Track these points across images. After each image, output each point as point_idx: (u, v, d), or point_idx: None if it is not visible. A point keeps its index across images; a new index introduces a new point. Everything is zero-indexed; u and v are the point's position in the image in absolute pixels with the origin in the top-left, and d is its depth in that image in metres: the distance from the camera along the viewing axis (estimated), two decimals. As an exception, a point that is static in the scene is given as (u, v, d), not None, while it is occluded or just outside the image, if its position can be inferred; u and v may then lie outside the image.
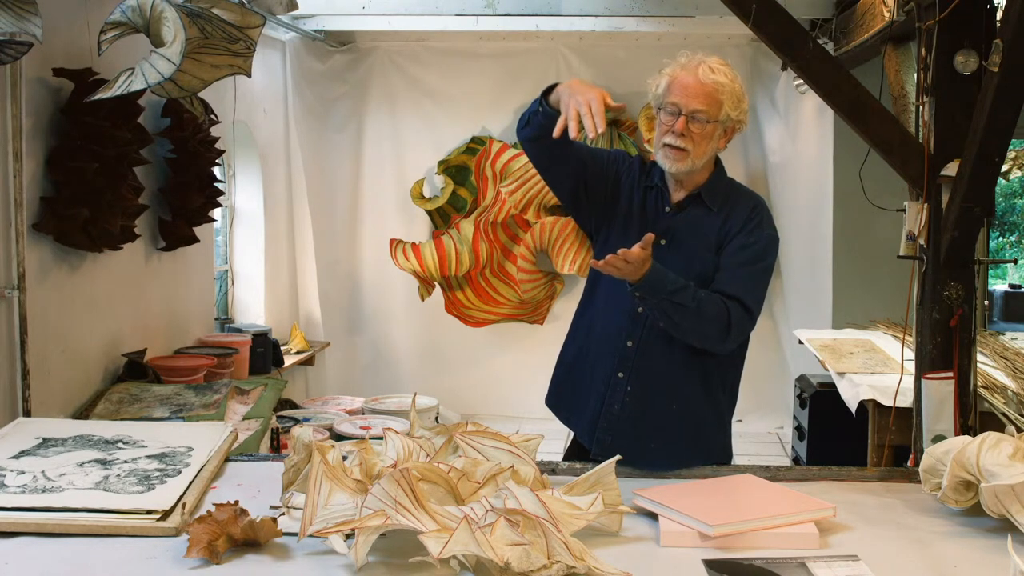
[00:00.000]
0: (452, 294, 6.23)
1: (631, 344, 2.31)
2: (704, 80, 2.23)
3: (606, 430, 2.35)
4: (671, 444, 2.31)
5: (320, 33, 5.82)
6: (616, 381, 2.34)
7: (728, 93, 2.25)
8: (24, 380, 3.28)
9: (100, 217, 3.56)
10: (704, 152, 2.28)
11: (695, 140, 2.25)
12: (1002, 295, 11.53)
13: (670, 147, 2.27)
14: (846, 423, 4.20)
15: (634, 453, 2.17)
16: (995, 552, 1.74)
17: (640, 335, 2.31)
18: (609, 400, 2.35)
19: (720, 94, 2.24)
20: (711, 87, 2.23)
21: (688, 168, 2.29)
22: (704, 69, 2.24)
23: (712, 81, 2.24)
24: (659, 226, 2.32)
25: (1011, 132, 2.96)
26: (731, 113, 2.27)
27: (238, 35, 3.17)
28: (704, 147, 2.27)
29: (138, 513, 1.80)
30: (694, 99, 2.23)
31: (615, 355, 2.34)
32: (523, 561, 1.51)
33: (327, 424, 4.59)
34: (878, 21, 4.01)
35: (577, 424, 2.47)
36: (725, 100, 2.25)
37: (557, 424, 2.54)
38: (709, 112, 2.24)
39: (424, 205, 6.26)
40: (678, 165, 2.28)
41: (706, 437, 2.38)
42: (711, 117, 2.25)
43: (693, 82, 2.24)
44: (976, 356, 3.31)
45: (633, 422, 2.33)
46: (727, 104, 2.25)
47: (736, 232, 2.30)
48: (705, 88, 2.23)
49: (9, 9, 2.74)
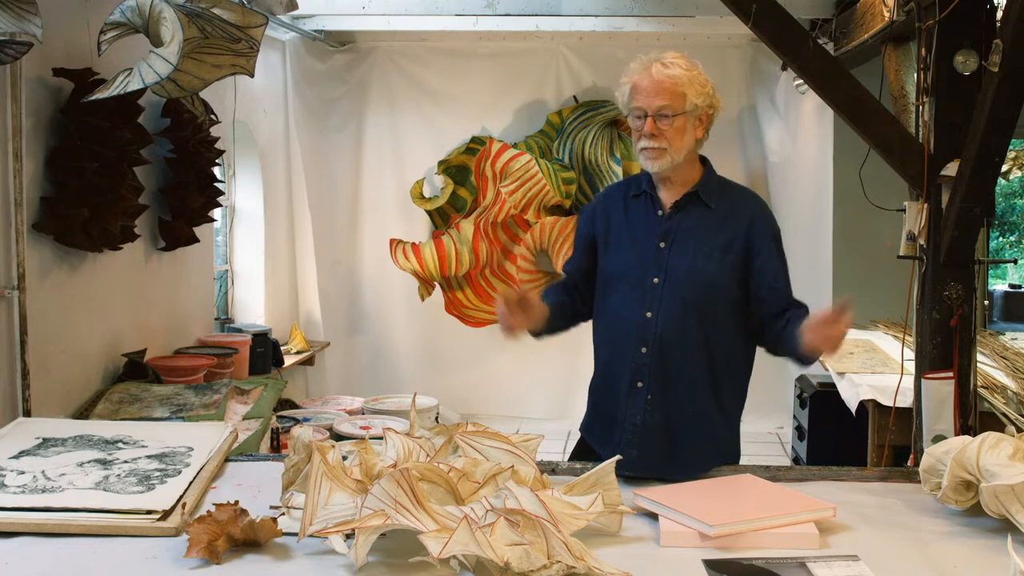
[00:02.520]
0: (452, 294, 6.23)
1: (645, 351, 2.29)
2: (659, 77, 2.25)
3: (630, 443, 2.28)
4: (694, 448, 2.28)
5: (320, 33, 5.83)
6: (636, 392, 2.30)
7: (687, 83, 2.25)
8: (24, 380, 3.28)
9: (100, 217, 3.56)
10: (682, 146, 2.28)
11: (668, 137, 2.26)
12: (1002, 295, 11.53)
13: (647, 149, 2.28)
14: (846, 423, 4.20)
15: (662, 464, 2.18)
16: (995, 552, 1.74)
17: (652, 340, 2.29)
18: (632, 413, 2.30)
19: (679, 86, 2.25)
20: (668, 82, 2.25)
21: (670, 164, 2.28)
22: (657, 67, 2.26)
23: (667, 76, 2.25)
24: (656, 230, 2.32)
25: (1011, 132, 2.96)
26: (696, 101, 2.27)
27: (239, 35, 3.17)
28: (680, 141, 2.28)
29: (138, 513, 1.80)
30: (655, 97, 2.25)
31: (631, 365, 2.30)
32: (523, 561, 1.51)
33: (327, 424, 4.58)
34: (878, 21, 4.01)
35: (607, 452, 2.35)
36: (687, 90, 2.25)
37: (557, 424, 2.54)
38: (673, 106, 2.25)
39: (424, 205, 6.26)
40: (659, 163, 2.28)
41: (721, 438, 2.37)
42: (676, 110, 2.25)
43: (649, 82, 2.26)
44: (976, 356, 3.32)
45: (657, 432, 2.29)
46: (690, 94, 2.26)
47: (760, 239, 2.31)
48: (662, 84, 2.24)
49: (9, 9, 2.74)
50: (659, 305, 2.28)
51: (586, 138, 6.04)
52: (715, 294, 2.28)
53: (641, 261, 2.31)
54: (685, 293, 2.27)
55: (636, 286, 2.30)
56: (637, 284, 2.30)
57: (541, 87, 6.26)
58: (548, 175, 5.91)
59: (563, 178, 6.01)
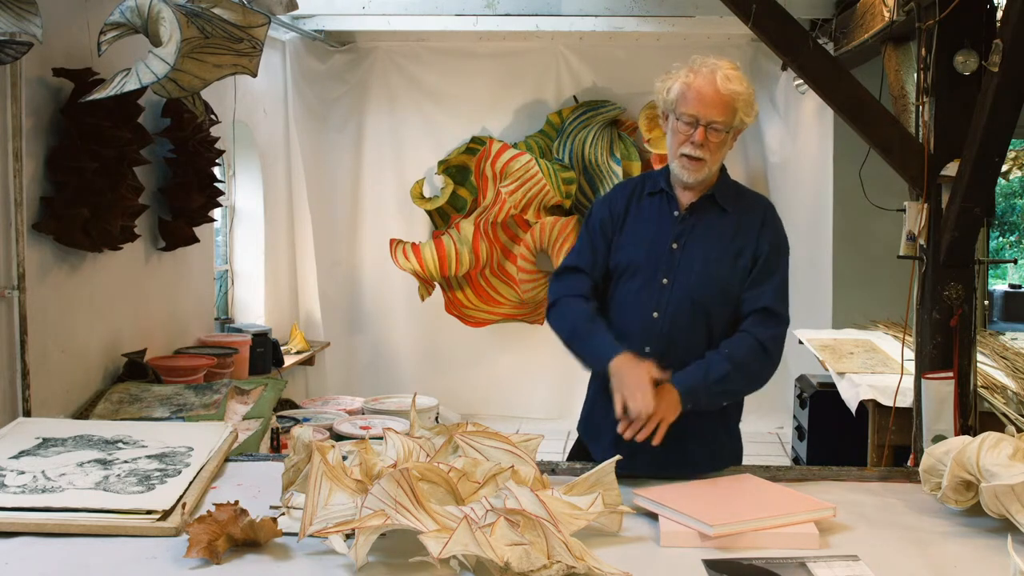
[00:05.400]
0: (452, 294, 6.23)
1: (649, 350, 2.29)
2: (723, 90, 2.20)
3: (628, 442, 2.24)
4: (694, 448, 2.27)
5: (320, 33, 5.83)
6: None
7: (743, 101, 2.23)
8: (24, 380, 3.28)
9: (100, 217, 3.55)
10: (718, 159, 2.29)
11: (711, 149, 2.24)
12: (1002, 295, 11.54)
13: (688, 157, 2.25)
14: (846, 423, 4.20)
15: (662, 462, 2.17)
16: (995, 552, 1.74)
17: (657, 339, 2.29)
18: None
19: (736, 102, 2.22)
20: (729, 97, 2.21)
21: (705, 176, 2.28)
22: (722, 78, 2.21)
23: (730, 91, 2.21)
24: (671, 230, 2.32)
25: (1011, 132, 2.96)
26: (744, 119, 2.26)
27: (241, 35, 3.17)
28: (719, 155, 2.27)
29: (138, 513, 1.80)
30: (713, 109, 2.21)
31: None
32: (523, 561, 1.51)
33: (327, 424, 4.58)
34: (878, 21, 4.00)
35: (599, 447, 2.39)
36: (740, 108, 2.23)
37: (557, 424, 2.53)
38: (726, 122, 2.23)
39: (424, 205, 6.26)
40: (696, 175, 2.27)
41: (721, 439, 2.36)
42: (727, 126, 2.23)
43: (712, 92, 2.20)
44: (976, 356, 3.31)
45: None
46: (741, 111, 2.24)
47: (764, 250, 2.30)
48: (724, 99, 2.20)
49: (9, 9, 2.74)
50: (667, 306, 2.28)
51: (586, 138, 6.04)
52: (723, 298, 2.28)
53: (651, 260, 2.31)
54: (694, 295, 2.27)
55: (645, 285, 2.30)
56: (646, 283, 2.30)
57: (541, 87, 6.26)
58: (548, 175, 5.91)
59: (563, 178, 6.01)
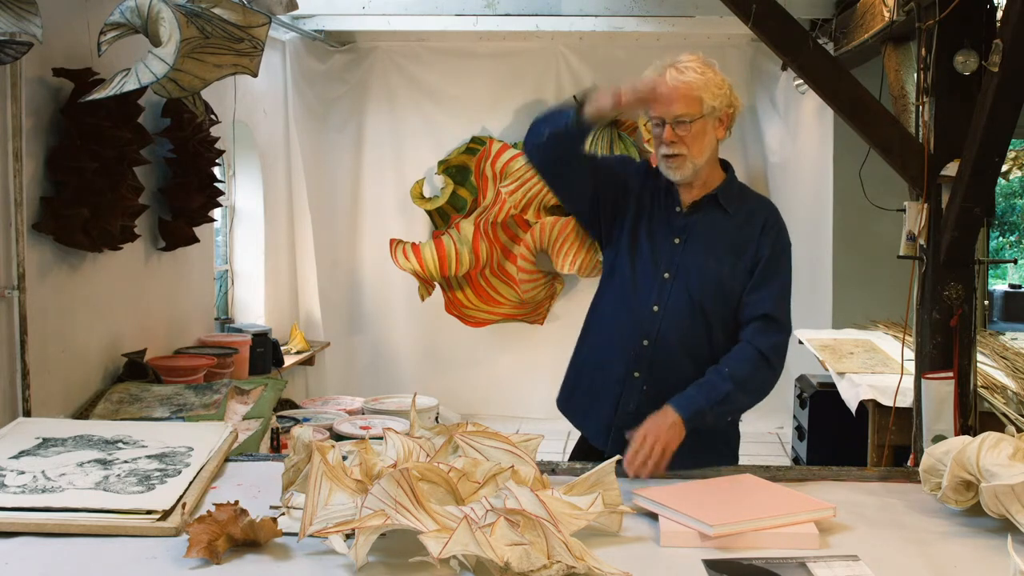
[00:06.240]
0: (452, 294, 6.23)
1: (647, 343, 2.30)
2: (677, 84, 2.22)
3: (621, 430, 2.29)
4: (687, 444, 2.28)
5: (320, 33, 5.83)
6: (632, 381, 2.33)
7: (702, 86, 2.23)
8: (24, 380, 3.28)
9: (100, 217, 3.55)
10: (703, 150, 2.28)
11: (687, 142, 2.25)
12: (1002, 295, 11.54)
13: (667, 156, 2.28)
14: (846, 423, 4.20)
15: None
16: (995, 552, 1.73)
17: (656, 333, 2.30)
18: (625, 400, 2.33)
19: (694, 91, 2.23)
20: (684, 88, 2.22)
21: (692, 170, 2.29)
22: (672, 73, 2.24)
23: (683, 82, 2.23)
24: (674, 225, 2.33)
25: (1011, 132, 2.96)
26: (714, 103, 2.25)
27: (241, 35, 3.17)
28: (700, 145, 2.27)
29: (138, 513, 1.80)
30: (672, 106, 2.22)
31: (630, 354, 2.32)
32: (523, 561, 1.51)
33: (327, 424, 4.59)
34: (878, 21, 4.01)
35: (590, 426, 2.44)
36: (702, 94, 2.23)
37: (557, 424, 2.53)
38: (690, 112, 2.23)
39: (424, 205, 6.26)
40: (680, 172, 2.29)
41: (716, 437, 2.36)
42: (693, 116, 2.24)
43: (667, 90, 2.21)
44: (976, 356, 3.31)
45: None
46: (706, 97, 2.24)
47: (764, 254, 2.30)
48: (680, 92, 2.22)
49: (9, 9, 2.74)
50: (667, 300, 2.29)
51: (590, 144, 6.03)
52: (723, 296, 2.30)
53: (653, 254, 2.32)
54: (693, 291, 2.28)
55: (645, 278, 2.32)
56: (646, 276, 2.32)
57: (541, 87, 6.26)
58: (548, 175, 5.91)
59: (563, 178, 6.00)
